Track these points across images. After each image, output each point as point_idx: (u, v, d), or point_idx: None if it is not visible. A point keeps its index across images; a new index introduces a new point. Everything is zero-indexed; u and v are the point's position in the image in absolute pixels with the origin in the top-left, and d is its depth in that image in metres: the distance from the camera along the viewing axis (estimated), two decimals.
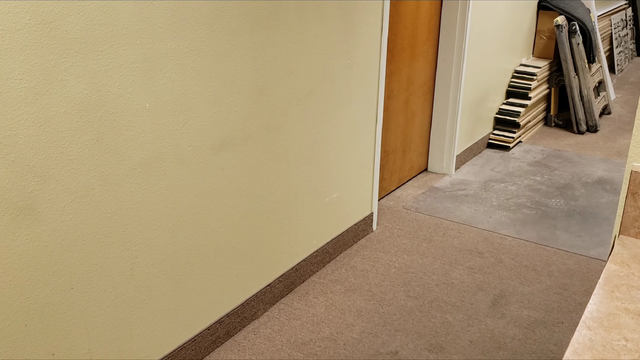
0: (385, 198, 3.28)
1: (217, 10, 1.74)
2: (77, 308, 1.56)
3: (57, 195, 1.44)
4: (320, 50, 2.23)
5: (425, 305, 2.32)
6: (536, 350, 2.08)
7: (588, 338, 0.81)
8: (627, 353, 0.78)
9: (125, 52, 1.51)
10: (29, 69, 1.31)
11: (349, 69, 2.43)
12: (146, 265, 1.73)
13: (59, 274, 1.49)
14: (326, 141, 2.41)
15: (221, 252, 1.99)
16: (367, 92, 2.61)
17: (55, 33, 1.35)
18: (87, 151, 1.48)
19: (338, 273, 2.54)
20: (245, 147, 1.98)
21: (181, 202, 1.79)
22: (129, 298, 1.70)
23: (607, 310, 0.87)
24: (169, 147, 1.70)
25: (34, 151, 1.36)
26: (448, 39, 3.38)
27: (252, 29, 1.88)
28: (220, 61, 1.80)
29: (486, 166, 3.81)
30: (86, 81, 1.44)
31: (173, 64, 1.65)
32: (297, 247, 2.40)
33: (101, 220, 1.56)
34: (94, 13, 1.42)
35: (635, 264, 0.99)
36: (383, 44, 2.63)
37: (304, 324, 2.21)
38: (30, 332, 1.46)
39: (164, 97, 1.65)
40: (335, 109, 2.41)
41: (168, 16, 1.60)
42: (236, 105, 1.90)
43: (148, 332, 1.79)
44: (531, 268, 2.59)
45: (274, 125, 2.09)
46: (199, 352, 1.98)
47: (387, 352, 2.06)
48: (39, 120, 1.36)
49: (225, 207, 1.96)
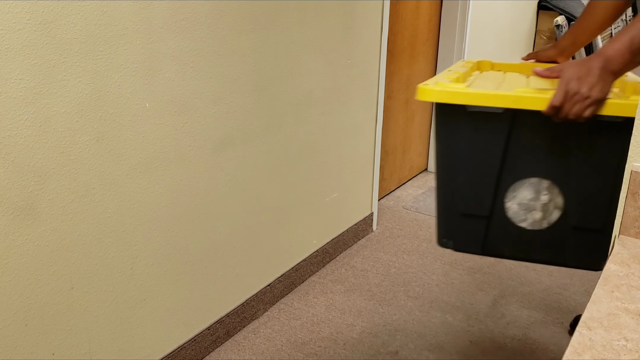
0: (385, 198, 3.28)
1: (217, 10, 1.74)
2: (77, 308, 1.56)
3: (57, 195, 1.44)
4: (320, 50, 2.23)
5: (425, 305, 2.32)
6: (536, 350, 2.08)
7: (588, 338, 0.80)
8: (627, 353, 0.78)
9: (125, 52, 1.51)
10: (29, 69, 1.31)
11: (349, 69, 2.43)
12: (146, 265, 1.73)
13: (59, 274, 1.49)
14: (326, 141, 2.41)
15: (221, 252, 1.99)
16: (367, 92, 2.60)
17: (55, 33, 1.35)
18: (87, 151, 1.48)
19: (338, 273, 2.54)
20: (245, 147, 1.98)
21: (181, 202, 1.79)
22: (129, 298, 1.70)
23: (607, 310, 0.87)
24: (169, 147, 1.70)
25: (34, 151, 1.36)
26: (448, 39, 3.38)
27: (253, 29, 1.88)
28: (220, 61, 1.80)
29: None
30: (86, 81, 1.44)
31: (173, 64, 1.65)
32: (297, 247, 2.40)
33: (101, 220, 1.56)
34: (94, 13, 1.42)
35: (635, 264, 0.99)
36: (383, 44, 2.63)
37: (304, 324, 2.21)
38: (30, 332, 1.46)
39: (164, 97, 1.65)
40: (335, 109, 2.41)
41: (168, 16, 1.60)
42: (236, 105, 1.90)
43: (148, 332, 1.79)
44: (531, 268, 2.59)
45: (274, 125, 2.09)
46: (199, 352, 1.98)
47: (387, 352, 2.06)
48: (39, 120, 1.36)
49: (225, 207, 1.96)
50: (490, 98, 1.26)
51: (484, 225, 1.42)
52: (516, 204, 1.38)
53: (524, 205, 1.38)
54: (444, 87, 1.28)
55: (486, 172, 1.36)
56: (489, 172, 1.35)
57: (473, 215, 1.41)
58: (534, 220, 1.38)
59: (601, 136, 1.25)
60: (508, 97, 1.24)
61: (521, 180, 1.35)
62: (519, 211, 1.38)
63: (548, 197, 1.34)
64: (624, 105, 1.21)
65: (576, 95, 1.17)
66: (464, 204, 1.40)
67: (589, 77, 1.17)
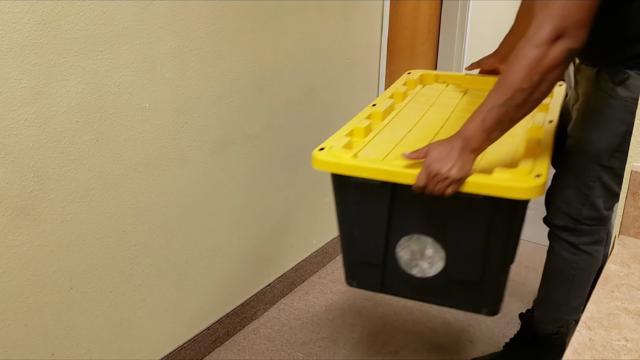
0: None
1: (217, 10, 1.74)
2: (77, 308, 1.56)
3: (57, 195, 1.44)
4: (320, 50, 2.23)
5: (425, 305, 2.31)
6: None
7: (588, 338, 0.81)
8: (627, 353, 0.78)
9: (125, 52, 1.51)
10: (29, 69, 1.31)
11: (349, 69, 2.43)
12: (146, 265, 1.73)
13: (58, 274, 1.49)
14: None
15: (221, 252, 1.99)
16: (367, 92, 2.61)
17: (55, 33, 1.34)
18: (87, 151, 1.48)
19: (338, 273, 2.54)
20: (245, 147, 1.98)
21: (181, 202, 1.79)
22: (129, 298, 1.70)
23: (607, 310, 0.87)
24: (169, 147, 1.70)
25: (34, 151, 1.36)
26: (448, 39, 3.38)
27: (252, 29, 1.88)
28: (220, 61, 1.80)
29: None
30: (86, 81, 1.44)
31: (173, 64, 1.65)
32: (297, 247, 2.40)
33: (101, 220, 1.56)
34: (94, 13, 1.41)
35: (635, 264, 0.99)
36: (383, 44, 2.63)
37: (304, 324, 2.21)
38: (30, 332, 1.46)
39: (164, 97, 1.65)
40: (335, 109, 2.41)
41: (168, 16, 1.60)
42: (236, 105, 1.90)
43: (148, 332, 1.79)
44: (531, 268, 2.59)
45: (274, 125, 2.09)
46: (199, 352, 1.98)
47: (387, 352, 2.06)
48: (39, 120, 1.36)
49: (225, 207, 1.96)
50: (369, 171, 1.39)
51: (380, 271, 1.57)
52: (406, 255, 1.54)
53: (413, 257, 1.54)
54: (332, 158, 1.42)
55: (376, 229, 1.50)
56: (378, 228, 1.50)
57: (370, 263, 1.56)
58: (422, 269, 1.54)
59: (467, 208, 1.37)
60: (384, 171, 1.38)
61: (409, 235, 1.50)
62: (409, 261, 1.55)
63: (432, 251, 1.50)
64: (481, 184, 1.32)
65: (437, 176, 1.28)
66: (361, 254, 1.56)
67: (449, 158, 1.28)
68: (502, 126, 1.28)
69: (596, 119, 1.55)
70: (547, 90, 1.26)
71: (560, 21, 1.23)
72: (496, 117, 1.26)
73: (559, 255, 1.73)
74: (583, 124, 1.59)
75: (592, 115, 1.56)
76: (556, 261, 1.75)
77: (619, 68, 1.50)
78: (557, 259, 1.74)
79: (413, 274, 1.54)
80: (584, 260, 1.72)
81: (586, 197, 1.62)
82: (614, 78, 1.51)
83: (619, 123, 1.52)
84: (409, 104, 1.87)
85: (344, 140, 1.53)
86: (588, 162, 1.59)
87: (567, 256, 1.72)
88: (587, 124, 1.57)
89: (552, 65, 1.23)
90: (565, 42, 1.23)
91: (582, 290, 1.77)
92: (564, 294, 1.77)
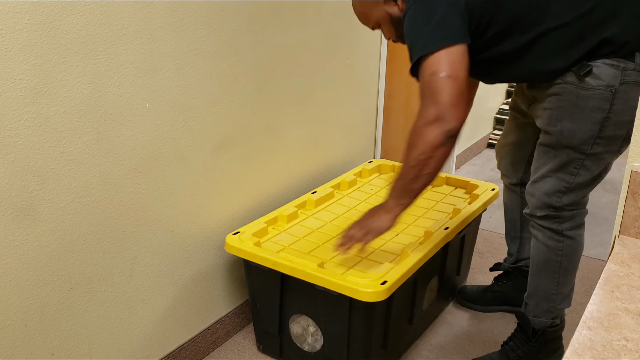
0: None
1: (217, 10, 1.74)
2: (77, 308, 1.56)
3: (57, 195, 1.44)
4: (320, 50, 2.23)
5: None
6: None
7: (588, 338, 0.80)
8: (627, 353, 0.78)
9: (125, 52, 1.51)
10: (29, 69, 1.31)
11: (349, 69, 2.43)
12: (146, 265, 1.73)
13: (59, 274, 1.49)
14: (326, 141, 2.41)
15: (221, 252, 1.99)
16: (367, 92, 2.61)
17: (55, 33, 1.34)
18: (87, 151, 1.48)
19: None
20: (245, 147, 1.98)
21: (181, 202, 1.79)
22: (129, 298, 1.70)
23: (607, 310, 0.87)
24: (169, 147, 1.70)
25: (34, 151, 1.36)
26: None
27: (252, 28, 1.88)
28: (220, 61, 1.80)
29: (486, 166, 3.81)
30: (86, 81, 1.44)
31: (173, 64, 1.65)
32: None
33: (101, 220, 1.56)
34: (94, 13, 1.41)
35: (635, 264, 0.99)
36: (383, 44, 2.63)
37: None
38: (30, 332, 1.46)
39: (163, 97, 1.65)
40: (335, 109, 2.41)
41: (168, 16, 1.60)
42: (236, 105, 1.90)
43: (148, 332, 1.79)
44: None
45: (274, 125, 2.09)
46: (199, 352, 1.98)
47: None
48: (38, 120, 1.36)
49: (225, 207, 1.96)
50: (262, 260, 1.74)
51: (278, 340, 1.90)
52: (297, 329, 1.83)
53: (303, 332, 1.82)
54: (237, 244, 1.80)
55: (272, 305, 1.83)
56: (273, 305, 1.83)
57: (270, 333, 1.90)
58: (310, 344, 1.82)
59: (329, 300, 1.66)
60: (272, 261, 1.72)
61: (298, 313, 1.80)
62: (299, 336, 1.83)
63: (314, 329, 1.78)
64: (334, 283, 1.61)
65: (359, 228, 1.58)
66: (263, 323, 1.91)
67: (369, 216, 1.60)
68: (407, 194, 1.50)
69: (573, 111, 1.58)
70: (437, 165, 1.43)
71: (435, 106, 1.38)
72: (399, 188, 1.50)
73: (545, 245, 1.77)
74: (559, 118, 1.61)
75: (568, 108, 1.58)
76: (542, 250, 1.79)
77: (578, 65, 1.54)
78: (543, 248, 1.78)
79: (303, 348, 1.84)
80: (569, 246, 1.76)
81: (568, 185, 1.67)
82: (578, 72, 1.54)
83: (596, 111, 1.56)
84: (351, 193, 2.22)
85: (260, 226, 1.88)
86: (571, 153, 1.63)
87: (552, 244, 1.76)
88: (564, 117, 1.60)
89: (433, 147, 1.40)
90: (442, 125, 1.38)
91: (570, 276, 1.82)
92: (554, 282, 1.81)
